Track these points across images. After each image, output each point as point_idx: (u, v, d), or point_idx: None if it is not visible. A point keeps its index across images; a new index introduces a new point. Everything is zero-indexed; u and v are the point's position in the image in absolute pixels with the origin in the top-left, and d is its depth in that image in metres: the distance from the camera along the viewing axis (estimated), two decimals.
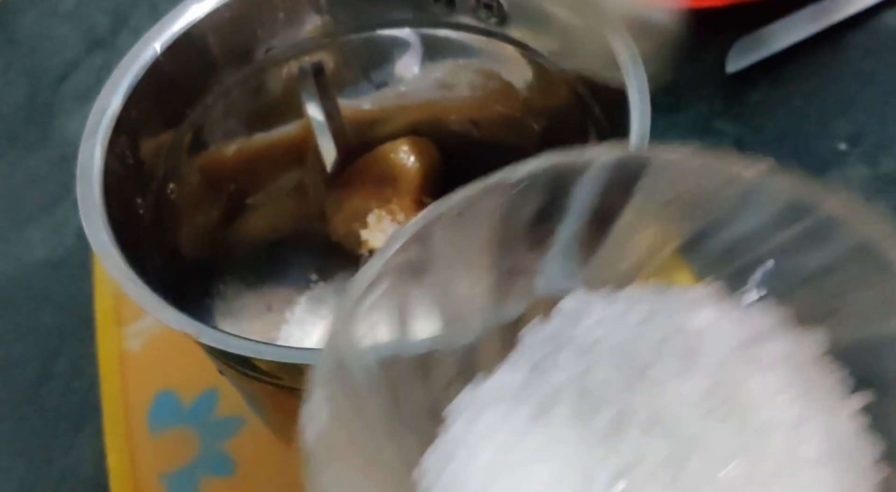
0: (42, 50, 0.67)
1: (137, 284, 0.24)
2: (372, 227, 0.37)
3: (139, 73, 0.28)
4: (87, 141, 0.26)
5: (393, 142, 0.38)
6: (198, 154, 0.31)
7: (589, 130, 0.31)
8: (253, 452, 0.41)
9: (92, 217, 0.25)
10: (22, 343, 0.50)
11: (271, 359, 0.23)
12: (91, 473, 0.43)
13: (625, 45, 0.27)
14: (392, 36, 0.33)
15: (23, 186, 0.58)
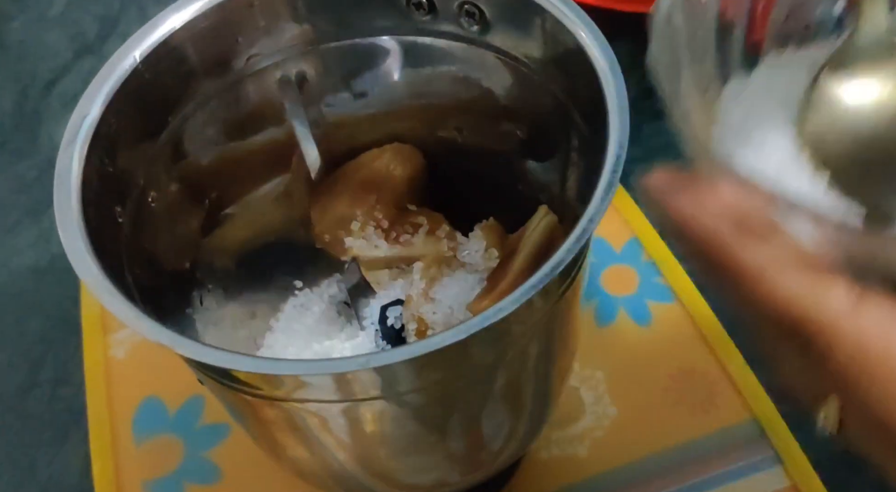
0: (30, 56, 0.67)
1: (113, 294, 0.24)
2: (355, 234, 0.37)
3: (119, 82, 0.28)
4: (66, 149, 0.26)
5: (377, 149, 0.38)
6: (178, 162, 0.31)
7: (571, 139, 0.31)
8: (239, 459, 0.41)
9: (68, 226, 0.25)
10: (8, 350, 0.50)
11: (248, 370, 0.23)
12: (76, 480, 0.43)
13: (603, 52, 0.28)
14: (373, 43, 0.33)
15: (10, 193, 0.58)
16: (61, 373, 0.48)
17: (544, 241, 0.34)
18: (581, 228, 0.25)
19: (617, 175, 0.25)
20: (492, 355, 0.27)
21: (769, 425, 0.40)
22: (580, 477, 0.40)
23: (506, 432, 0.33)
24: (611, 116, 0.26)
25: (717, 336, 0.43)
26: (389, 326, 0.36)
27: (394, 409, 0.28)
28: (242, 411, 0.29)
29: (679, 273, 0.45)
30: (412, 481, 0.34)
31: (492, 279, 0.34)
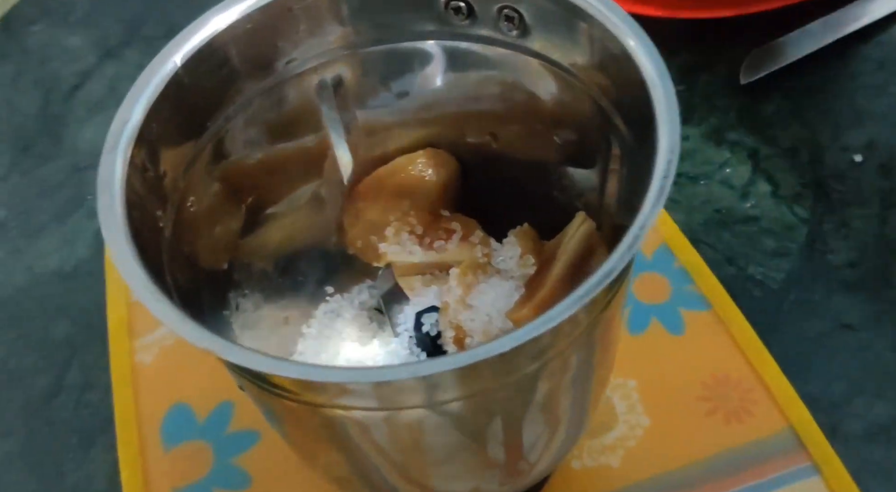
0: (54, 60, 0.67)
1: (161, 301, 0.23)
2: (390, 239, 0.37)
3: (160, 86, 0.28)
4: (108, 155, 0.26)
5: (411, 154, 0.37)
6: (217, 165, 0.31)
7: (612, 145, 0.31)
8: (269, 466, 0.41)
9: (114, 233, 0.25)
10: (33, 355, 0.49)
11: (300, 378, 0.23)
12: (104, 487, 0.43)
13: (650, 57, 0.27)
14: (413, 48, 0.33)
15: (34, 197, 0.58)
16: (87, 378, 0.48)
17: (582, 248, 0.34)
18: (632, 235, 0.24)
19: (668, 181, 0.25)
20: (536, 365, 0.27)
21: (806, 434, 0.39)
22: (612, 488, 0.39)
23: (544, 441, 0.32)
24: (659, 122, 0.26)
25: (752, 344, 0.42)
26: (425, 333, 0.35)
27: (434, 418, 0.27)
28: (282, 416, 0.29)
29: (712, 281, 0.45)
30: (448, 490, 0.33)
31: (530, 287, 0.34)
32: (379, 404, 0.26)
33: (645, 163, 0.26)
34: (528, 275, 0.36)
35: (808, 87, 0.54)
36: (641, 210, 0.25)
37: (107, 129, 0.61)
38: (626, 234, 0.24)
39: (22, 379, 0.48)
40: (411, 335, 0.36)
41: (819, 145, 0.51)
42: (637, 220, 0.24)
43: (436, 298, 0.37)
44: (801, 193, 0.49)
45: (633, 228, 0.24)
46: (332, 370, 0.25)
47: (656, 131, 0.26)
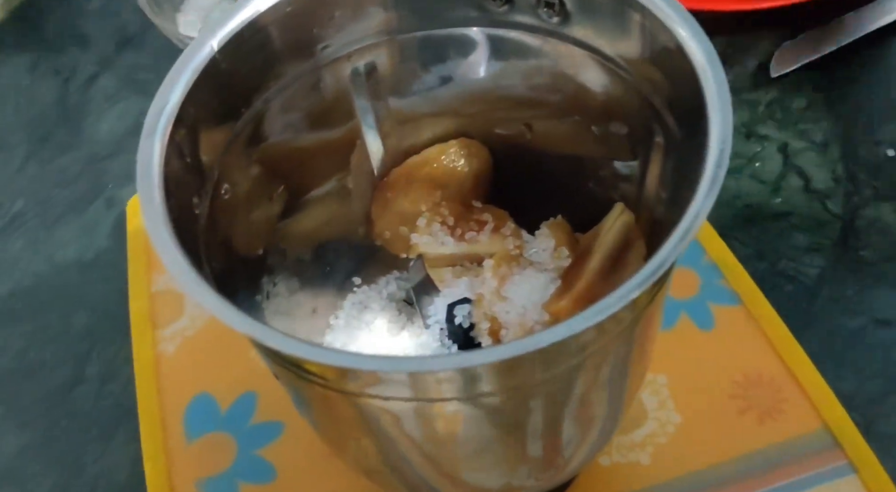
0: (72, 49, 0.66)
1: (204, 287, 0.23)
2: (421, 231, 0.36)
3: (197, 70, 0.27)
4: (147, 139, 0.26)
5: (443, 144, 0.37)
6: (254, 150, 0.30)
7: (654, 135, 0.30)
8: (293, 458, 0.40)
9: (154, 219, 0.24)
10: (53, 346, 0.49)
11: (348, 365, 0.22)
12: (125, 478, 0.43)
13: (700, 44, 0.26)
14: (450, 35, 0.32)
15: (53, 187, 0.57)
16: (107, 369, 0.47)
17: (620, 240, 0.33)
18: (684, 227, 0.24)
19: (721, 171, 0.24)
20: (576, 360, 0.26)
21: (841, 433, 0.39)
22: (642, 485, 0.39)
23: (578, 438, 0.32)
24: (711, 111, 0.25)
25: (784, 340, 0.42)
26: (457, 325, 0.35)
27: (469, 410, 0.27)
28: (317, 405, 0.29)
29: (742, 275, 0.44)
30: (480, 484, 0.33)
31: (566, 278, 0.33)
32: (415, 394, 0.25)
33: (694, 153, 0.26)
34: (562, 267, 0.35)
35: (840, 80, 0.53)
36: (694, 200, 0.24)
37: (125, 118, 0.61)
38: (678, 225, 0.24)
39: (41, 370, 0.48)
40: (442, 327, 0.36)
41: (851, 139, 0.50)
42: (689, 210, 0.24)
43: (468, 290, 0.36)
44: (834, 188, 0.48)
45: (686, 219, 0.24)
46: (373, 359, 0.24)
47: (707, 120, 0.25)
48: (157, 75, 0.65)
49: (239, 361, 0.44)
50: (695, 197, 0.24)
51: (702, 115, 0.26)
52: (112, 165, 0.58)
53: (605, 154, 0.34)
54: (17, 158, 0.59)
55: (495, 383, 0.25)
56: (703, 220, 0.24)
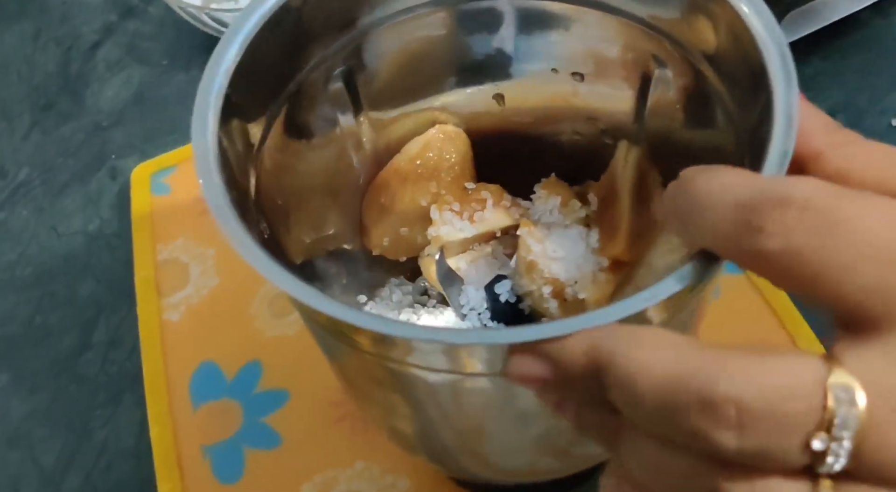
0: (74, 17, 0.66)
1: (272, 266, 0.22)
2: (437, 222, 0.36)
3: (259, 23, 0.26)
4: (199, 122, 0.25)
5: (422, 136, 0.36)
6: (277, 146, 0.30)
7: (654, 73, 0.30)
8: (298, 426, 0.41)
9: (212, 187, 0.23)
10: (59, 313, 0.49)
11: (410, 336, 0.21)
12: (132, 443, 0.43)
13: (759, 13, 0.25)
14: (477, 8, 0.31)
15: (56, 155, 0.57)
16: (113, 336, 0.48)
17: (638, 174, 0.33)
18: (773, 170, 0.22)
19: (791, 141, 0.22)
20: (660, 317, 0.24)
21: None
22: None
23: None
24: (776, 91, 0.24)
25: (786, 309, 0.42)
26: (504, 302, 0.35)
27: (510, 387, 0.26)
28: (355, 369, 0.28)
29: None
30: (506, 464, 0.32)
31: (605, 223, 0.33)
32: (483, 369, 0.24)
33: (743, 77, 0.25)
34: (580, 218, 0.35)
35: (847, 48, 0.53)
36: (772, 143, 0.22)
37: (128, 87, 0.61)
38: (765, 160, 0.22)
39: (48, 337, 0.48)
40: (480, 313, 0.35)
41: (857, 108, 0.50)
42: (771, 153, 0.22)
43: (489, 270, 0.36)
44: None
45: (773, 156, 0.22)
46: (462, 333, 0.22)
47: (765, 100, 0.24)
48: (159, 44, 0.66)
49: (243, 329, 0.45)
50: (772, 139, 0.22)
51: (758, 92, 0.25)
52: (115, 135, 0.58)
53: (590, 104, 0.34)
54: (21, 126, 0.59)
55: None
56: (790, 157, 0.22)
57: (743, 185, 0.19)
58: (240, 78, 0.26)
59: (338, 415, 0.41)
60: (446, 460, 0.33)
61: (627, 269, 0.32)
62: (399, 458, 0.39)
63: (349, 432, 0.41)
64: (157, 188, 0.52)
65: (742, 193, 0.19)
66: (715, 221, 0.20)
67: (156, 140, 0.56)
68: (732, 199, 0.19)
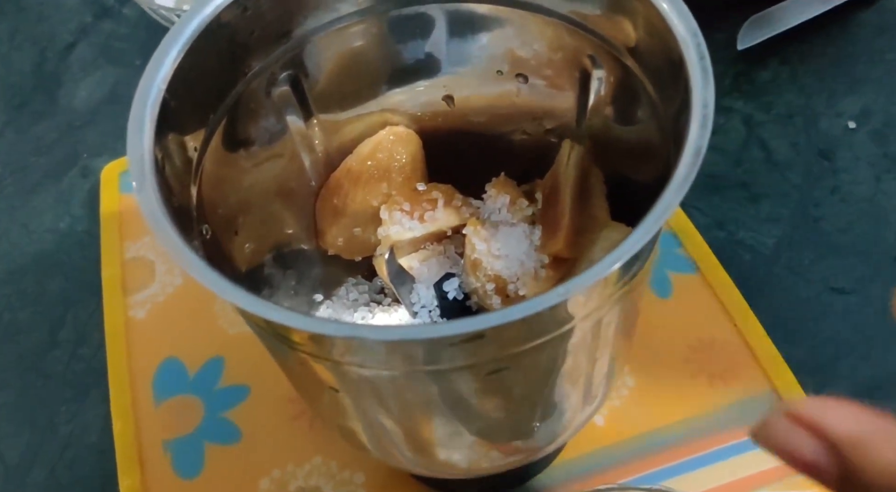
0: (49, 17, 0.66)
1: (193, 258, 0.22)
2: (387, 222, 0.37)
3: (195, 34, 0.27)
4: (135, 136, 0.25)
5: (373, 137, 0.37)
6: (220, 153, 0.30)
7: (594, 75, 0.31)
8: (258, 421, 0.42)
9: (146, 193, 0.24)
10: (28, 310, 0.50)
11: (338, 335, 0.22)
12: (96, 439, 0.44)
13: (675, 7, 0.26)
14: (409, 14, 0.32)
15: (29, 154, 0.58)
16: (81, 333, 0.48)
17: (580, 172, 0.34)
18: (687, 162, 0.23)
19: (709, 111, 0.24)
20: (567, 326, 0.25)
21: (789, 396, 0.40)
22: (597, 446, 0.40)
23: (570, 410, 0.31)
24: (693, 82, 0.25)
25: (738, 307, 0.43)
26: (452, 299, 0.35)
27: (482, 378, 0.26)
28: (294, 367, 0.29)
29: (700, 244, 0.45)
30: (448, 458, 0.32)
31: (547, 221, 0.34)
32: (421, 363, 0.25)
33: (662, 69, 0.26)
34: (527, 216, 0.36)
35: (805, 53, 0.54)
36: (688, 138, 0.23)
37: (102, 87, 0.61)
38: (676, 170, 0.23)
39: (17, 333, 0.49)
40: (431, 310, 0.36)
41: (814, 112, 0.51)
42: (688, 145, 0.23)
43: (440, 269, 0.37)
44: (794, 159, 0.49)
45: (687, 153, 0.23)
46: (393, 330, 0.23)
47: (684, 90, 0.25)
48: (132, 45, 0.66)
49: (207, 327, 0.45)
50: (688, 135, 0.24)
51: (678, 82, 0.26)
52: (88, 134, 0.58)
53: (534, 104, 0.35)
54: None
55: (508, 346, 0.24)
56: (704, 151, 0.23)
57: None
58: (178, 85, 0.26)
59: (296, 411, 0.42)
60: (395, 456, 0.33)
61: (569, 265, 0.33)
62: (356, 453, 0.40)
63: (307, 428, 0.41)
64: (126, 187, 0.52)
65: None
66: None
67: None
68: None
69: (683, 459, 0.39)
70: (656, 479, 0.39)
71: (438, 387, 0.27)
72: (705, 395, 0.41)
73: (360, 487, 0.39)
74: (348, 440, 0.34)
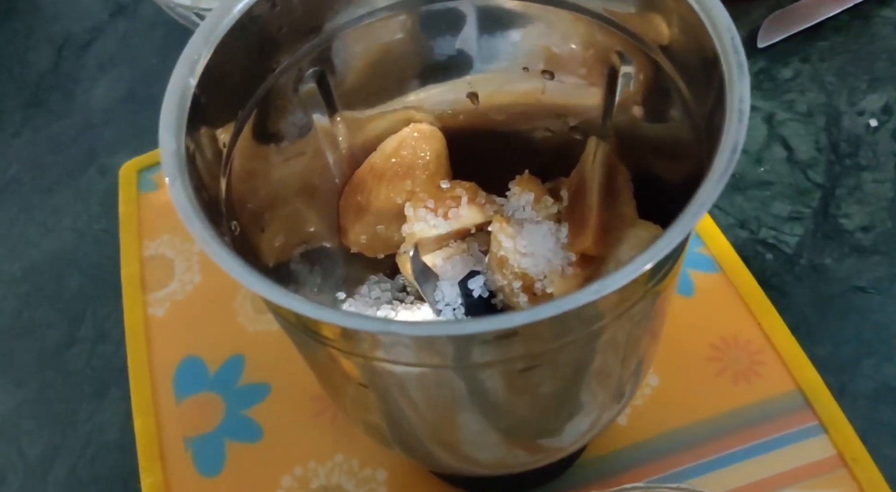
0: (65, 16, 0.66)
1: (225, 252, 0.23)
2: (412, 219, 0.37)
3: (225, 29, 0.27)
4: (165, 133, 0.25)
5: (397, 134, 0.37)
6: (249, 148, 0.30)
7: (621, 71, 0.30)
8: (279, 419, 0.41)
9: (178, 188, 0.24)
10: (47, 307, 0.50)
11: (355, 327, 0.22)
12: (117, 435, 0.44)
13: (712, 7, 0.25)
14: (439, 9, 0.32)
15: (47, 153, 0.58)
16: (100, 330, 0.48)
17: (606, 169, 0.33)
18: (724, 158, 0.22)
19: (745, 105, 0.23)
20: (615, 310, 0.25)
21: (813, 395, 0.39)
22: (620, 445, 0.40)
23: (597, 409, 0.31)
24: (727, 87, 0.24)
25: (761, 305, 0.43)
26: (477, 297, 0.35)
27: (511, 376, 0.26)
28: (322, 361, 0.28)
29: (722, 243, 0.45)
30: (478, 456, 0.32)
31: (573, 218, 0.34)
32: (453, 359, 0.24)
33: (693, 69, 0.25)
34: (552, 214, 0.35)
35: (826, 50, 0.53)
36: (723, 135, 0.23)
37: (118, 86, 0.61)
38: (712, 166, 0.23)
39: (36, 331, 0.49)
40: (455, 308, 0.36)
41: (835, 110, 0.51)
42: (723, 143, 0.23)
43: (464, 266, 0.36)
44: (816, 157, 0.49)
45: (723, 152, 0.23)
46: (434, 326, 0.23)
47: (718, 91, 0.25)
48: (149, 43, 0.66)
49: (227, 325, 0.45)
50: (722, 136, 0.23)
51: (710, 82, 0.25)
52: (104, 133, 0.58)
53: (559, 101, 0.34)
54: (11, 124, 0.60)
55: (539, 343, 0.24)
56: (738, 153, 0.23)
57: None
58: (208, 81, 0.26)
59: (318, 409, 0.42)
60: (419, 453, 0.33)
61: (596, 264, 0.33)
62: (377, 451, 0.40)
63: (329, 426, 0.41)
64: (144, 185, 0.52)
65: None
66: None
67: (145, 138, 0.57)
68: None
69: (707, 458, 0.39)
70: (680, 478, 0.38)
71: (467, 384, 0.27)
72: (729, 393, 0.40)
73: (382, 484, 0.39)
74: (372, 436, 0.34)
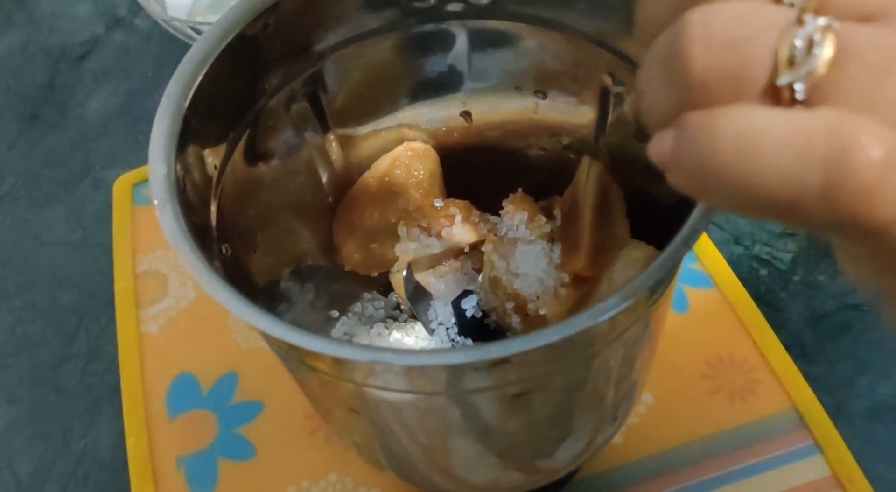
0: (62, 29, 0.66)
1: (215, 280, 0.22)
2: (405, 238, 0.37)
3: (216, 51, 0.27)
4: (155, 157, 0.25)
5: (391, 153, 0.36)
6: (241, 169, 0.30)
7: (607, 82, 0.31)
8: (272, 437, 0.41)
9: (167, 211, 0.24)
10: (41, 323, 0.50)
11: (353, 358, 0.21)
12: (110, 454, 0.44)
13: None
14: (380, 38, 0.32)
15: (41, 166, 0.58)
16: (94, 347, 0.48)
17: (600, 189, 0.33)
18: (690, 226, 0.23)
19: None
20: (610, 334, 0.25)
21: (808, 414, 0.39)
22: (614, 464, 0.40)
23: (592, 431, 0.31)
24: None
25: (756, 323, 0.42)
26: (470, 317, 0.35)
27: (504, 401, 0.26)
28: (314, 387, 0.28)
29: (717, 259, 0.45)
30: (469, 479, 0.32)
31: (567, 238, 0.34)
32: (434, 388, 0.25)
33: None
34: (545, 234, 0.35)
35: None
36: None
37: (114, 99, 0.61)
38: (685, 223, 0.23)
39: (29, 347, 0.49)
40: (448, 327, 0.36)
41: None
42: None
43: (457, 286, 0.36)
44: None
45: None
46: (414, 355, 0.23)
47: None
48: (145, 57, 0.66)
49: (221, 342, 0.45)
50: None
51: None
52: (99, 146, 0.58)
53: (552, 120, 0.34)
54: (6, 136, 0.60)
55: (533, 369, 0.24)
56: None
57: None
58: (200, 103, 0.26)
59: (311, 427, 0.42)
60: (413, 476, 0.33)
61: (589, 284, 0.33)
62: (372, 470, 0.40)
63: (323, 444, 0.41)
64: (138, 199, 0.52)
65: None
66: None
67: (140, 152, 0.57)
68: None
69: (702, 477, 0.38)
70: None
71: (460, 410, 0.26)
72: (724, 412, 0.40)
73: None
74: (365, 458, 0.34)
